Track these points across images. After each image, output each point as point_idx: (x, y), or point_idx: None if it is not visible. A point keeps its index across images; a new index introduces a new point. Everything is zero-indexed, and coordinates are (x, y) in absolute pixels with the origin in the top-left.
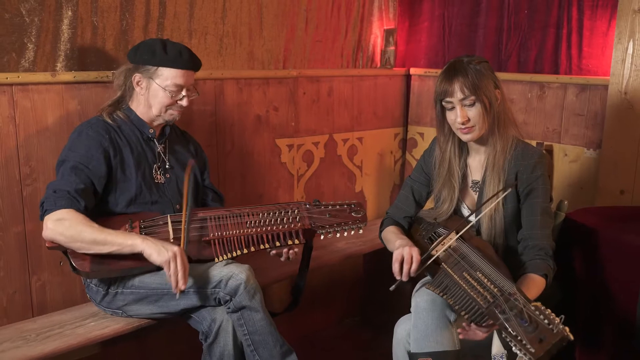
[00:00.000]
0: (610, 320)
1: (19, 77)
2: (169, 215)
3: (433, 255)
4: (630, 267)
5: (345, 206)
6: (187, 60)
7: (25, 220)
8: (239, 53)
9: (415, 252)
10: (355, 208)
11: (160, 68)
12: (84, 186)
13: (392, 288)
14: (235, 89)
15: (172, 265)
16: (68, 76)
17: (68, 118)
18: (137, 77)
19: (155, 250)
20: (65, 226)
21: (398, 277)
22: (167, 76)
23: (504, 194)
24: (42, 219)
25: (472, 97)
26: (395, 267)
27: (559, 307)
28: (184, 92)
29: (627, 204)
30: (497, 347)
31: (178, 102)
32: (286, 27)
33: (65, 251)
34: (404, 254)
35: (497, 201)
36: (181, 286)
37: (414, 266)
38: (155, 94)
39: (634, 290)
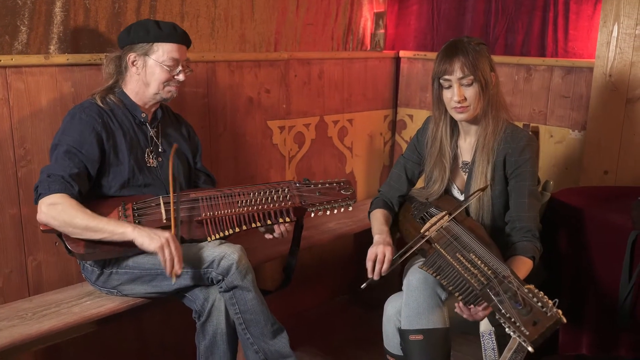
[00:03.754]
0: (593, 298)
1: (12, 59)
2: (161, 197)
3: (427, 235)
4: (613, 245)
5: (335, 184)
6: (181, 35)
7: (20, 202)
8: (230, 36)
9: (387, 251)
10: (345, 186)
11: (155, 44)
12: (77, 170)
13: (363, 286)
14: (227, 72)
15: (165, 251)
16: (61, 58)
17: (62, 100)
18: (132, 56)
19: (147, 238)
20: (58, 210)
21: (370, 276)
22: (164, 51)
23: (480, 193)
24: (36, 202)
25: (471, 77)
26: (369, 265)
27: (544, 286)
28: (180, 67)
29: (611, 184)
30: (484, 324)
31: (175, 77)
32: (277, 10)
33: (59, 234)
34: (377, 252)
35: (481, 192)
36: (177, 271)
37: (385, 266)
38: (152, 70)
39: (617, 268)
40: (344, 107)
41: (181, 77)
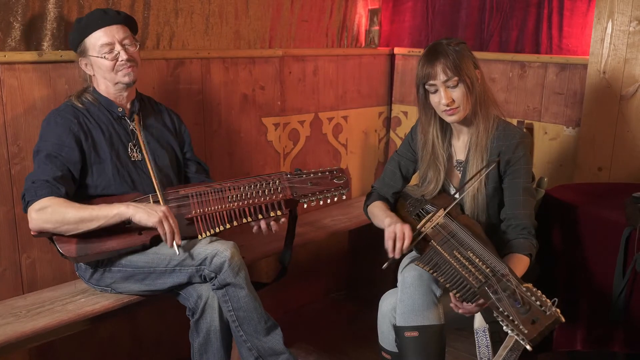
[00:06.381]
0: (587, 294)
1: (5, 56)
2: (150, 195)
3: (423, 232)
4: (607, 242)
5: (327, 173)
6: (99, 18)
7: (14, 199)
8: (225, 32)
9: (406, 229)
10: (337, 174)
11: (84, 41)
12: (61, 173)
13: (384, 266)
14: (221, 68)
15: (165, 224)
16: (55, 55)
17: (55, 97)
18: (81, 61)
19: (145, 213)
20: (49, 213)
21: (391, 255)
22: (93, 43)
23: (487, 171)
24: (25, 211)
25: (455, 78)
26: (389, 244)
27: (538, 282)
28: (117, 48)
29: (605, 181)
30: (479, 321)
31: (118, 60)
32: (272, 7)
33: (51, 237)
34: (396, 231)
35: (479, 178)
36: (177, 241)
37: (407, 242)
38: (98, 65)
39: (611, 264)
40: (338, 103)
41: (122, 55)
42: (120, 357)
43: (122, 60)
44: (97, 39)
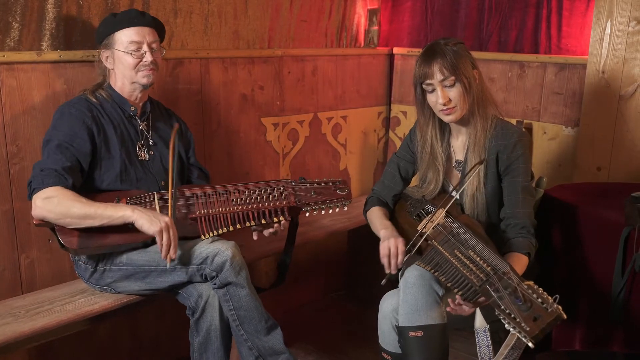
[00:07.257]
0: (586, 294)
1: (4, 56)
2: (155, 193)
3: (425, 233)
4: (606, 241)
5: (331, 184)
6: (135, 17)
7: (13, 199)
8: (224, 32)
9: (400, 243)
10: (340, 186)
11: (114, 34)
12: (70, 164)
13: (383, 282)
14: (220, 68)
15: (164, 235)
16: (54, 55)
17: (54, 97)
18: (103, 53)
19: (147, 220)
20: (54, 203)
21: (387, 271)
22: (122, 38)
23: (479, 168)
24: (30, 198)
25: (452, 78)
26: (384, 261)
27: (537, 282)
28: (145, 48)
29: (604, 180)
30: (479, 321)
31: (143, 60)
32: (271, 7)
33: (53, 228)
34: (390, 246)
35: (476, 171)
36: (172, 255)
37: (400, 259)
38: (121, 60)
39: (610, 264)
40: (337, 103)
41: (148, 57)
42: (120, 357)
43: (145, 61)
44: (128, 36)
